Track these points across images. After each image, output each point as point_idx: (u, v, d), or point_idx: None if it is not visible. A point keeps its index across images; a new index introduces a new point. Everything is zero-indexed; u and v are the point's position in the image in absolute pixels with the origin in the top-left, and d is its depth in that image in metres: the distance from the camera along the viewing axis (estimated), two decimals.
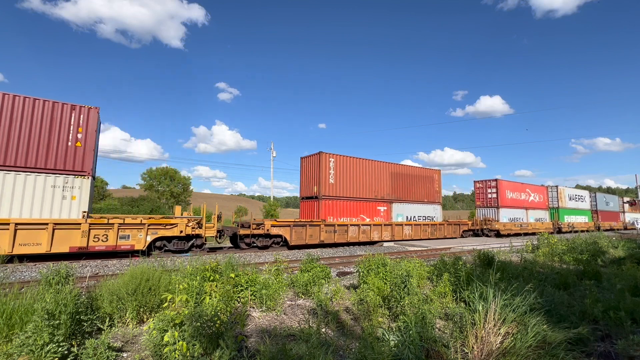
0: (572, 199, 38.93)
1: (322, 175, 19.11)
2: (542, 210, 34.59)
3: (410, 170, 24.30)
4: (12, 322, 3.96)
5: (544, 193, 35.33)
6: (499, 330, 3.67)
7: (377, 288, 5.65)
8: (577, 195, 40.62)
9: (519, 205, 31.56)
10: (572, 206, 38.55)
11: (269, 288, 5.80)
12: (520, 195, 32.00)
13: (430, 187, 25.16)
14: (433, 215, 24.96)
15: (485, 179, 31.12)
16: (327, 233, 18.33)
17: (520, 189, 32.68)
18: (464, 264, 7.28)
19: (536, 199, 34.05)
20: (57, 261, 10.60)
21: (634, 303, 5.44)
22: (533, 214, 33.23)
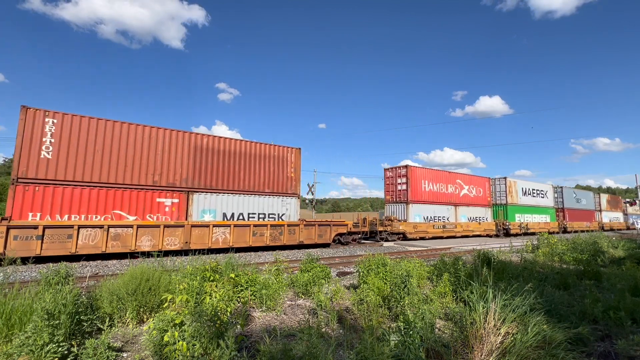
0: (527, 194, 32.96)
1: (28, 144, 11.69)
2: (481, 207, 28.26)
3: (236, 146, 16.25)
4: (12, 323, 3.96)
5: (484, 186, 28.95)
6: (499, 330, 3.67)
7: (377, 288, 5.65)
8: (535, 190, 34.34)
9: (443, 201, 25.21)
10: (527, 203, 32.57)
11: (269, 288, 5.80)
12: (445, 188, 25.65)
13: (279, 172, 17.27)
14: (282, 212, 17.09)
15: (397, 165, 24.66)
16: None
17: (445, 179, 25.94)
18: (464, 264, 7.28)
19: (472, 193, 27.67)
20: None
21: (634, 303, 5.44)
22: (466, 212, 26.82)
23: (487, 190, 29.64)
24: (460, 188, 27.08)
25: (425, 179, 24.69)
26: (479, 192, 28.64)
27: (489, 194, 29.62)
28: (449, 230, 25.29)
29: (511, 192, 31.22)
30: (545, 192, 35.90)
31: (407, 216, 23.05)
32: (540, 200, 34.69)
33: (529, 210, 32.63)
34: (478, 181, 29.00)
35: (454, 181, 26.78)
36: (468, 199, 27.58)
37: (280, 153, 17.71)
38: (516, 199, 31.49)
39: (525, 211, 32.11)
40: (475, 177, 29.05)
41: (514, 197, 31.38)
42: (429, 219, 24.32)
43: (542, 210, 34.59)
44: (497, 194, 31.14)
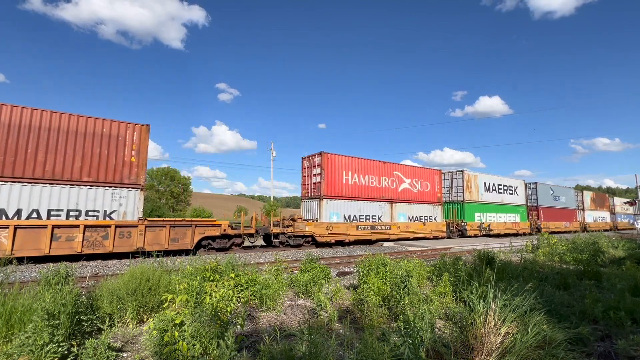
0: (491, 190, 28.92)
1: None
2: (428, 204, 23.79)
3: (34, 117, 11.77)
4: (12, 323, 3.96)
5: (432, 180, 24.40)
6: (499, 330, 3.67)
7: (377, 288, 5.65)
8: (502, 186, 30.26)
9: (373, 196, 20.75)
10: (491, 200, 28.53)
11: (269, 288, 5.80)
12: (377, 181, 21.14)
13: (109, 155, 12.97)
14: (113, 210, 12.76)
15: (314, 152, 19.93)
16: None
17: (378, 170, 21.29)
18: (464, 263, 7.29)
19: (416, 188, 23.18)
20: None
21: (634, 303, 5.44)
22: (407, 210, 22.43)
23: (437, 185, 24.73)
24: (399, 181, 22.38)
25: (349, 169, 19.90)
26: (425, 186, 23.93)
27: (439, 189, 24.76)
28: (379, 232, 20.59)
29: (469, 187, 26.85)
30: (515, 188, 31.74)
31: (320, 215, 18.22)
32: (508, 197, 30.76)
33: (492, 209, 28.65)
34: (424, 174, 24.28)
35: (389, 173, 22.04)
36: (410, 194, 22.92)
37: (113, 130, 13.22)
38: (476, 196, 27.28)
39: (488, 209, 28.12)
40: (421, 168, 24.50)
41: (474, 193, 27.12)
42: (351, 219, 19.54)
43: (510, 208, 30.60)
44: (453, 190, 27.06)
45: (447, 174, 27.76)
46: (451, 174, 27.62)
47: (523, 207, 32.21)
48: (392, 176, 22.28)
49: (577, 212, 40.05)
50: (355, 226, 19.61)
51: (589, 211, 41.93)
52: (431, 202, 24.33)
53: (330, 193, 18.92)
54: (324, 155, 18.98)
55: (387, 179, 21.98)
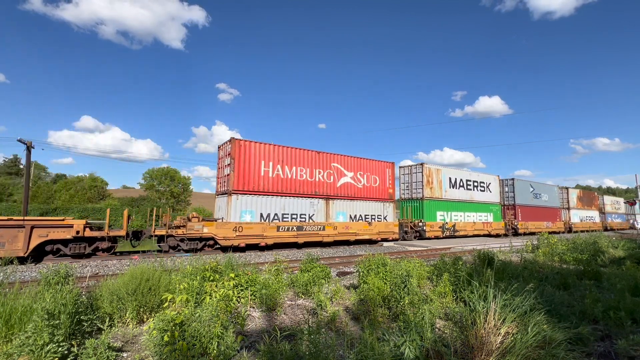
0: (458, 186, 25.97)
1: None
2: (377, 201, 20.74)
3: None
4: (12, 323, 3.96)
5: (382, 174, 21.32)
6: (499, 330, 3.66)
7: (377, 288, 5.65)
8: (471, 182, 27.11)
9: (303, 192, 17.68)
10: (457, 197, 25.56)
11: (269, 288, 5.80)
12: (308, 174, 18.07)
13: None
14: None
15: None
16: None
17: (310, 161, 18.27)
18: (464, 263, 7.29)
19: (360, 183, 20.08)
20: None
21: (634, 303, 5.44)
22: (347, 208, 19.34)
23: (389, 180, 21.59)
24: (339, 175, 19.25)
25: (269, 159, 16.74)
26: (372, 181, 20.78)
27: (391, 184, 21.60)
28: (309, 234, 17.35)
29: (430, 182, 24.03)
30: (488, 185, 28.44)
31: (228, 213, 15.17)
32: (479, 194, 27.51)
33: (459, 207, 25.68)
34: (372, 167, 21.00)
35: (325, 165, 18.87)
36: (352, 190, 19.75)
37: None
38: (439, 192, 24.45)
39: (453, 208, 25.22)
40: (368, 160, 20.98)
41: (436, 189, 24.29)
42: (270, 218, 16.38)
43: (481, 206, 27.41)
44: (413, 186, 24.34)
45: (407, 167, 25.13)
46: (410, 167, 24.89)
47: (497, 206, 29.00)
48: (329, 169, 18.96)
49: (561, 211, 37.22)
50: (275, 227, 16.27)
51: (575, 210, 38.96)
52: (381, 199, 21.01)
53: (242, 187, 15.72)
54: (234, 143, 15.67)
55: (322, 172, 18.66)
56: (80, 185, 43.96)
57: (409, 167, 25.19)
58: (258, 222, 16.08)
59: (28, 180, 18.54)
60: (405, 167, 25.45)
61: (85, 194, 42.10)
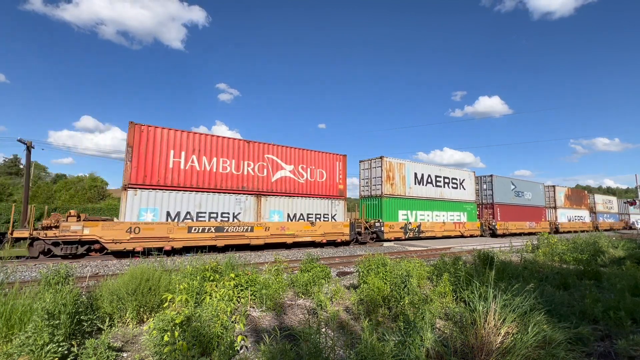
0: (426, 182, 23.57)
1: None
2: (323, 198, 18.10)
3: None
4: (12, 322, 3.96)
5: (332, 167, 18.66)
6: (499, 330, 3.67)
7: (377, 288, 5.65)
8: (441, 177, 24.71)
9: (226, 187, 15.15)
10: (424, 194, 23.29)
11: (269, 288, 5.80)
12: (236, 166, 15.53)
13: None
14: None
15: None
16: None
17: (237, 152, 15.67)
18: (464, 263, 7.29)
19: (302, 178, 17.48)
20: None
21: (634, 303, 5.44)
22: (287, 206, 16.76)
23: (339, 175, 18.90)
24: (274, 168, 16.79)
25: (180, 148, 14.26)
26: (318, 175, 18.12)
27: (341, 179, 18.97)
28: (232, 236, 14.85)
29: (391, 178, 21.48)
30: (461, 181, 26.04)
31: (123, 211, 12.79)
32: (450, 191, 25.14)
33: (426, 206, 23.30)
34: (318, 159, 18.33)
35: (257, 156, 16.31)
36: (292, 185, 17.17)
37: None
38: (401, 189, 21.90)
39: (419, 206, 22.77)
40: (313, 152, 18.27)
41: (398, 185, 21.72)
42: (180, 217, 13.89)
43: (452, 205, 25.09)
44: (372, 181, 21.87)
45: (366, 162, 22.63)
46: (370, 162, 22.34)
47: (472, 204, 26.55)
48: (263, 160, 16.50)
49: (547, 210, 35.17)
50: (185, 227, 13.77)
51: (562, 209, 36.66)
52: (328, 195, 18.34)
53: (143, 181, 13.25)
54: (133, 128, 13.24)
55: (253, 165, 16.16)
56: (80, 185, 43.94)
57: (368, 162, 22.49)
58: (163, 221, 13.51)
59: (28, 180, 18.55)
60: (365, 162, 22.83)
61: (85, 194, 42.07)
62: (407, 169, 22.84)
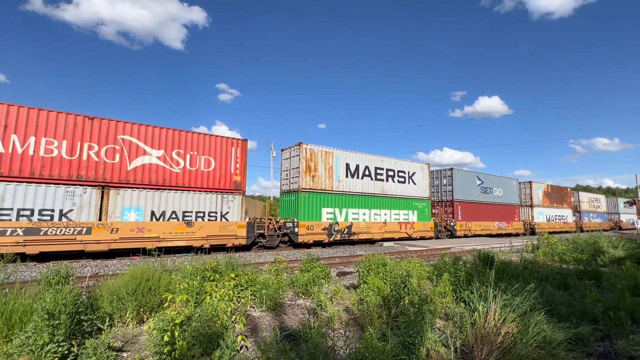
0: (362, 175, 19.99)
1: None
2: (211, 192, 15.02)
3: None
4: (12, 322, 3.96)
5: (223, 154, 15.44)
6: (499, 330, 3.67)
7: (377, 288, 5.65)
8: (382, 170, 21.07)
9: (51, 176, 11.86)
10: (359, 189, 19.75)
11: (269, 288, 5.80)
12: (71, 149, 12.32)
13: None
14: None
15: None
16: None
17: (68, 130, 12.31)
18: (464, 263, 7.29)
19: (179, 165, 14.36)
20: None
21: (634, 303, 5.44)
22: (152, 202, 13.58)
23: (236, 164, 15.60)
24: (132, 152, 13.50)
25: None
26: (204, 164, 14.88)
27: (239, 169, 15.63)
28: (55, 240, 11.47)
29: (313, 169, 17.79)
30: (411, 175, 22.69)
31: None
32: (395, 186, 21.57)
33: (362, 203, 19.79)
34: (204, 144, 15.02)
35: (107, 137, 13.12)
36: (161, 175, 13.93)
37: None
38: (327, 182, 18.41)
39: (351, 203, 19.26)
40: (195, 134, 14.96)
41: (322, 178, 18.14)
42: None
43: (397, 202, 21.54)
44: (291, 173, 18.39)
45: (287, 150, 19.13)
46: (290, 150, 18.78)
47: (424, 202, 23.22)
48: (114, 143, 13.15)
49: (521, 209, 32.13)
50: None
51: (540, 208, 33.42)
52: (218, 189, 15.05)
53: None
54: None
55: (98, 147, 12.81)
56: None
57: (288, 150, 18.97)
58: None
59: None
60: (286, 150, 19.32)
61: None
62: (335, 158, 19.02)
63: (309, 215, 17.79)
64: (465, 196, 26.35)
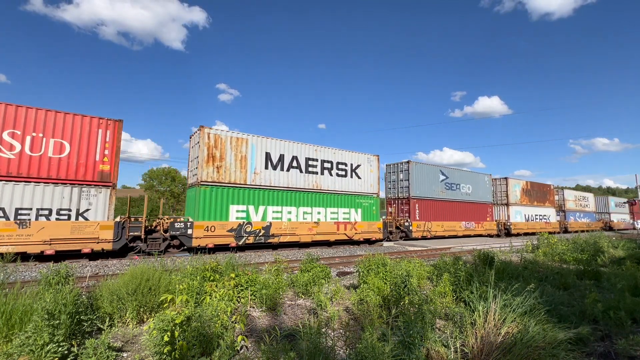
0: (289, 167, 16.96)
1: None
2: (62, 185, 11.90)
3: None
4: (12, 322, 3.96)
5: (82, 137, 12.44)
6: (499, 330, 3.67)
7: (377, 288, 5.66)
8: (316, 161, 17.99)
9: None
10: (285, 183, 16.70)
11: (269, 288, 5.80)
12: None
13: None
14: None
15: None
16: None
17: None
18: (464, 263, 7.29)
19: (15, 150, 11.27)
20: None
21: (634, 303, 5.44)
22: None
23: (104, 149, 12.87)
24: None
25: None
26: (53, 148, 11.97)
27: (108, 157, 12.90)
28: None
29: (218, 158, 14.91)
30: (354, 168, 19.44)
31: None
32: (333, 180, 18.47)
33: (289, 199, 16.73)
34: (53, 123, 12.03)
35: None
36: None
37: None
38: (239, 175, 15.39)
39: (273, 200, 16.25)
40: (37, 110, 11.86)
41: (232, 169, 15.25)
42: None
43: (336, 199, 18.43)
44: (194, 164, 15.51)
45: (193, 137, 16.15)
46: (194, 137, 15.94)
47: (371, 198, 19.98)
48: None
49: (495, 207, 29.29)
50: None
51: (517, 207, 30.47)
52: (74, 181, 12.10)
53: None
54: None
55: None
56: None
57: (194, 136, 15.99)
58: None
59: None
60: (194, 136, 16.13)
61: None
62: (251, 146, 16.01)
63: (212, 214, 14.65)
64: (424, 193, 23.48)
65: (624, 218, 48.34)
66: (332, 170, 18.84)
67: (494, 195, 29.96)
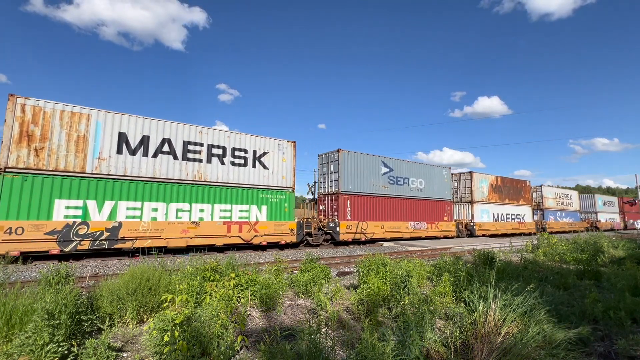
0: (159, 151, 13.54)
1: None
2: None
3: None
4: (12, 322, 3.96)
5: None
6: (500, 330, 3.67)
7: (377, 288, 5.65)
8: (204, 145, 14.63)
9: None
10: (150, 173, 13.31)
11: (269, 288, 5.80)
12: None
13: None
14: None
15: None
16: None
17: None
18: (464, 263, 7.29)
19: None
20: None
21: (634, 303, 5.44)
22: None
23: None
24: None
25: None
26: None
27: None
28: None
29: (38, 138, 11.32)
30: (258, 156, 16.16)
31: None
32: (226, 170, 15.17)
33: (155, 194, 13.37)
34: None
35: None
36: None
37: None
38: (71, 161, 11.91)
39: (131, 194, 12.86)
40: None
41: (61, 154, 11.74)
42: None
43: (228, 193, 15.06)
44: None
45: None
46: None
47: (282, 193, 16.56)
48: None
49: (455, 205, 25.99)
50: None
51: (484, 205, 26.56)
52: None
53: None
54: None
55: None
56: None
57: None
58: None
59: None
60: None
61: None
62: (96, 125, 12.54)
63: (22, 212, 11.07)
64: (359, 187, 19.51)
65: (612, 218, 44.57)
66: (224, 158, 15.33)
67: (456, 191, 26.77)
